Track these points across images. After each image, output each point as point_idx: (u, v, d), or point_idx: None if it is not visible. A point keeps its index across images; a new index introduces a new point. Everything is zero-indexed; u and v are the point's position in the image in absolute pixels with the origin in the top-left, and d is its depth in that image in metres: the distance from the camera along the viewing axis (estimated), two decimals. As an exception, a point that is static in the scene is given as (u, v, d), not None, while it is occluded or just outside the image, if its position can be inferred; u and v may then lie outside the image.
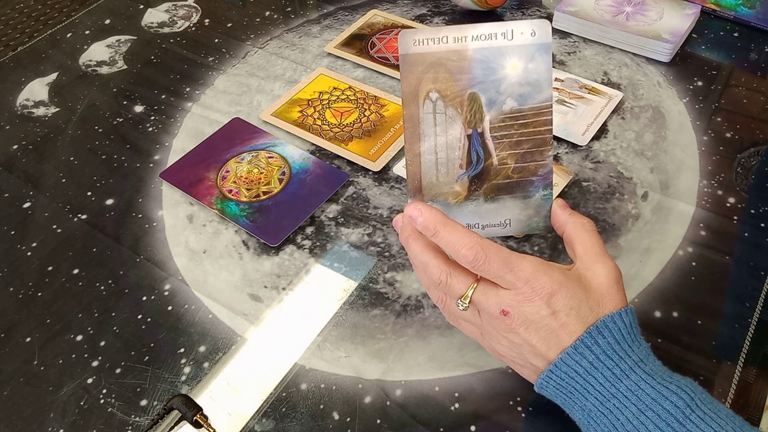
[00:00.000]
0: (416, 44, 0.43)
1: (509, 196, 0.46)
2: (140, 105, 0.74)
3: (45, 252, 0.60)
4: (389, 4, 0.85)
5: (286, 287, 0.56)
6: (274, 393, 0.49)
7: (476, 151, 0.45)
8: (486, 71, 0.43)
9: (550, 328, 0.40)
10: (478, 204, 0.46)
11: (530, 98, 0.44)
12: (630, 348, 0.40)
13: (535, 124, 0.44)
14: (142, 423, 0.48)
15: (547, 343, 0.41)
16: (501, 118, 0.44)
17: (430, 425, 0.47)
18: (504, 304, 0.41)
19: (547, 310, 0.40)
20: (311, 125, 0.69)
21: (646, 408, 0.38)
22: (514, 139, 0.44)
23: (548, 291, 0.40)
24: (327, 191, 0.62)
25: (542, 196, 0.45)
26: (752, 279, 0.54)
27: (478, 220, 0.46)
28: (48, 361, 0.52)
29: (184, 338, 0.53)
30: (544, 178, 0.45)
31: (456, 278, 0.42)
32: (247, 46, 0.81)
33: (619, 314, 0.40)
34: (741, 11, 0.78)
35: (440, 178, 0.45)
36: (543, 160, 0.45)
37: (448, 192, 0.46)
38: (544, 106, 0.44)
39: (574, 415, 0.42)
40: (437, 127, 0.45)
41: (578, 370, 0.40)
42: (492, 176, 0.45)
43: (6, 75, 0.80)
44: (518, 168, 0.45)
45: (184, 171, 0.65)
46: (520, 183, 0.45)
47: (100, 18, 0.87)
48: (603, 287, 0.41)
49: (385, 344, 0.52)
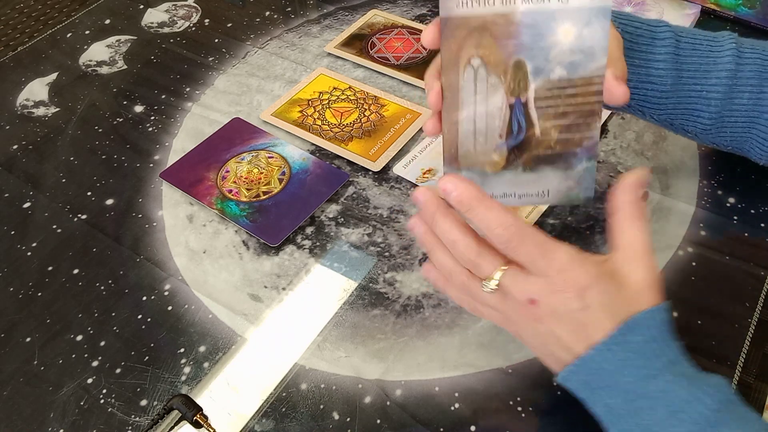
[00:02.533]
0: (459, 6, 0.40)
1: (549, 167, 0.42)
2: (140, 105, 0.74)
3: (45, 252, 0.60)
4: (389, 4, 0.85)
5: (286, 287, 0.56)
6: (274, 393, 0.49)
7: (518, 121, 0.42)
8: (535, 37, 0.40)
9: (579, 322, 0.38)
10: (516, 174, 0.43)
11: (581, 67, 0.40)
12: (662, 348, 0.38)
13: (584, 94, 0.41)
14: (142, 423, 0.48)
15: (575, 336, 0.39)
16: (547, 87, 0.41)
17: (430, 425, 0.47)
18: (533, 292, 0.39)
19: (578, 304, 0.38)
20: (311, 125, 0.69)
21: (677, 411, 0.36)
22: (559, 110, 0.41)
23: (582, 284, 0.38)
24: (327, 191, 0.62)
25: (585, 168, 0.42)
26: (752, 279, 0.54)
27: (515, 189, 0.43)
28: (48, 361, 0.52)
29: (184, 338, 0.53)
30: (588, 149, 0.42)
31: (485, 259, 0.40)
32: (247, 46, 0.81)
33: (652, 312, 0.38)
34: (741, 11, 0.78)
35: (478, 147, 0.42)
36: (589, 132, 0.41)
37: (485, 161, 0.43)
38: (596, 76, 0.40)
39: (595, 410, 0.40)
40: (477, 96, 0.41)
41: (607, 367, 0.38)
42: (533, 147, 0.42)
43: (6, 75, 0.80)
44: (562, 139, 0.42)
45: (184, 171, 0.65)
46: (562, 155, 0.42)
47: (100, 18, 0.87)
48: (638, 286, 0.39)
49: (385, 344, 0.52)
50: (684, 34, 0.51)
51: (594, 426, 0.46)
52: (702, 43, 0.50)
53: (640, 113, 0.53)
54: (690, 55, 0.50)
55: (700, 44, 0.50)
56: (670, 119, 0.53)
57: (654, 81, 0.50)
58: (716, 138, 0.53)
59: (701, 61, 0.50)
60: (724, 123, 0.51)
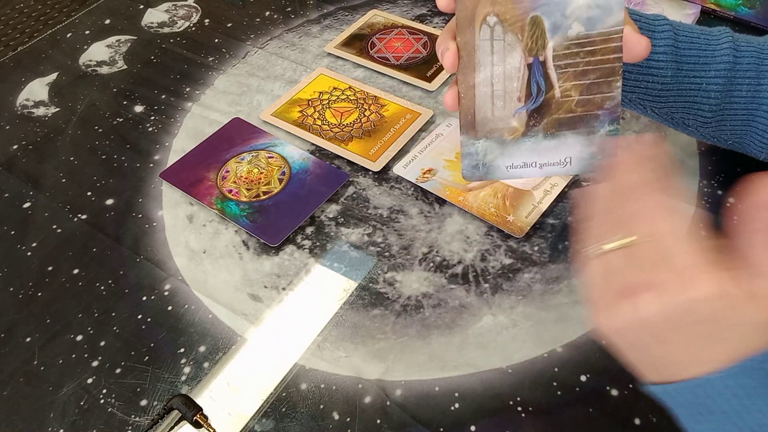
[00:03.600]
0: None
1: (571, 132, 0.41)
2: (140, 105, 0.74)
3: (45, 252, 0.60)
4: (389, 4, 0.85)
5: (286, 287, 0.56)
6: (274, 393, 0.49)
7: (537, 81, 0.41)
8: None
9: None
10: (537, 141, 0.42)
11: (599, 22, 0.39)
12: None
13: (603, 51, 0.40)
14: (142, 423, 0.48)
15: None
16: (566, 44, 0.40)
17: (430, 425, 0.47)
18: None
19: None
20: (311, 125, 0.69)
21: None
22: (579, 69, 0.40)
23: None
24: (327, 191, 0.62)
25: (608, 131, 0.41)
26: (752, 279, 0.54)
27: (536, 158, 0.42)
28: (48, 361, 0.52)
29: (184, 338, 0.53)
30: (611, 111, 0.41)
31: None
32: (247, 46, 0.81)
33: None
34: (741, 11, 0.78)
35: (496, 112, 0.42)
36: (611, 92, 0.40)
37: (503, 128, 0.42)
38: (615, 31, 0.39)
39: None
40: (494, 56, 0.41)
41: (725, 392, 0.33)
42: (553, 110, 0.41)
43: (6, 75, 0.80)
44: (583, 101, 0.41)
45: (184, 171, 0.65)
46: (584, 117, 0.41)
47: (100, 18, 0.87)
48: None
49: (385, 344, 0.52)
50: (681, 28, 0.51)
51: (594, 426, 0.46)
52: (699, 37, 0.51)
53: (641, 108, 0.53)
54: (688, 48, 0.50)
55: (698, 38, 0.51)
56: (671, 113, 0.53)
57: (654, 73, 0.50)
58: (716, 132, 0.53)
59: (700, 54, 0.50)
60: (724, 116, 0.52)
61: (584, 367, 0.49)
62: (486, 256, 0.56)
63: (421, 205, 0.61)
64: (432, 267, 0.56)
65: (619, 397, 0.47)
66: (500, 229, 0.58)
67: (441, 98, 0.71)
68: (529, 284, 0.54)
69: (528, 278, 0.55)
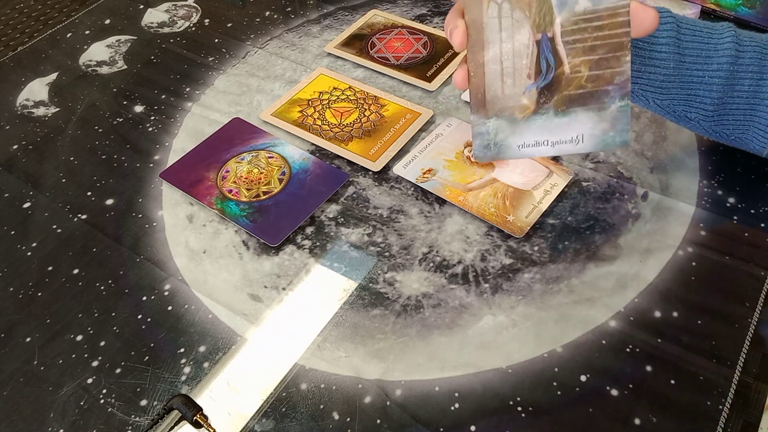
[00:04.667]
0: None
1: (582, 108, 0.41)
2: (140, 105, 0.74)
3: (45, 252, 0.60)
4: (389, 4, 0.85)
5: (286, 287, 0.56)
6: (274, 393, 0.49)
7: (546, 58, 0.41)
8: None
9: None
10: (548, 118, 0.42)
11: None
12: None
13: (611, 26, 0.40)
14: (142, 423, 0.48)
15: None
16: (574, 20, 0.40)
17: (430, 425, 0.47)
18: None
19: None
20: (311, 125, 0.69)
21: None
22: (588, 44, 0.40)
23: None
24: (327, 191, 0.62)
25: (619, 107, 0.41)
26: (752, 279, 0.54)
27: (548, 136, 0.42)
28: (48, 361, 0.52)
29: (184, 338, 0.53)
30: (621, 87, 0.41)
31: None
32: (247, 46, 0.81)
33: None
34: (741, 11, 0.78)
35: (506, 90, 0.41)
36: (620, 67, 0.41)
37: (514, 106, 0.42)
38: (621, 5, 0.39)
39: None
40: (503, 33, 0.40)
41: None
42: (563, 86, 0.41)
43: (6, 75, 0.80)
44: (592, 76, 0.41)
45: (184, 171, 0.65)
46: (594, 93, 0.41)
47: (100, 18, 0.87)
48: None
49: (385, 344, 0.52)
50: (685, 21, 0.51)
51: (594, 426, 0.46)
52: (702, 30, 0.51)
53: (644, 100, 0.53)
54: (691, 40, 0.51)
55: (701, 31, 0.51)
56: (673, 105, 0.53)
57: (656, 64, 0.50)
58: (718, 126, 0.54)
59: (702, 47, 0.51)
60: (726, 110, 0.52)
61: (584, 367, 0.49)
62: (486, 256, 0.56)
63: (421, 205, 0.61)
64: (432, 267, 0.56)
65: (619, 397, 0.47)
66: (500, 229, 0.58)
67: (441, 98, 0.71)
68: (529, 284, 0.54)
69: (528, 278, 0.55)
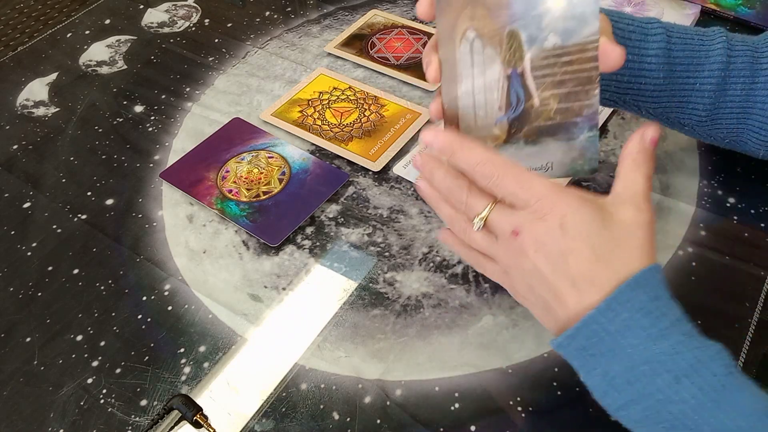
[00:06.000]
0: None
1: (551, 139, 0.43)
2: (140, 105, 0.74)
3: (45, 252, 0.60)
4: (389, 4, 0.85)
5: (286, 287, 0.56)
6: (274, 393, 0.49)
7: (516, 92, 0.42)
8: (527, 5, 0.40)
9: (559, 251, 0.38)
10: (519, 147, 0.43)
11: (575, 33, 0.40)
12: (667, 306, 0.36)
13: (579, 60, 0.41)
14: (142, 423, 0.48)
15: (555, 270, 0.38)
16: (543, 56, 0.41)
17: (430, 425, 0.47)
18: (516, 223, 0.39)
19: (558, 231, 0.38)
20: (311, 125, 0.69)
21: (682, 375, 0.34)
22: (557, 78, 0.41)
23: (561, 211, 0.38)
24: (327, 191, 0.62)
25: (587, 138, 0.42)
26: (752, 279, 0.54)
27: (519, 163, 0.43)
28: (48, 361, 0.52)
29: (184, 338, 0.53)
30: (589, 118, 0.42)
31: (475, 197, 0.41)
32: (247, 46, 0.81)
33: (656, 267, 0.37)
34: (741, 11, 0.78)
35: (478, 121, 0.43)
36: (588, 100, 0.42)
37: (486, 136, 0.43)
38: (590, 41, 0.40)
39: (589, 380, 0.38)
40: (475, 68, 0.42)
41: (609, 328, 0.36)
42: (533, 118, 0.42)
43: (6, 75, 0.80)
44: (561, 109, 0.42)
45: (184, 171, 0.65)
46: (563, 124, 0.42)
47: (100, 18, 0.87)
48: (625, 226, 0.38)
49: (385, 344, 0.52)
50: (675, 30, 0.51)
51: (594, 426, 0.46)
52: (693, 38, 0.51)
53: (636, 108, 0.54)
54: (682, 49, 0.51)
55: (691, 39, 0.51)
56: (666, 113, 0.53)
57: (647, 75, 0.51)
58: (712, 130, 0.54)
59: (693, 55, 0.51)
60: (719, 114, 0.52)
61: (584, 367, 0.49)
62: (486, 256, 0.56)
63: (421, 205, 0.61)
64: (432, 267, 0.56)
65: (619, 397, 0.47)
66: (500, 229, 0.58)
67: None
68: (529, 284, 0.54)
69: (528, 278, 0.55)
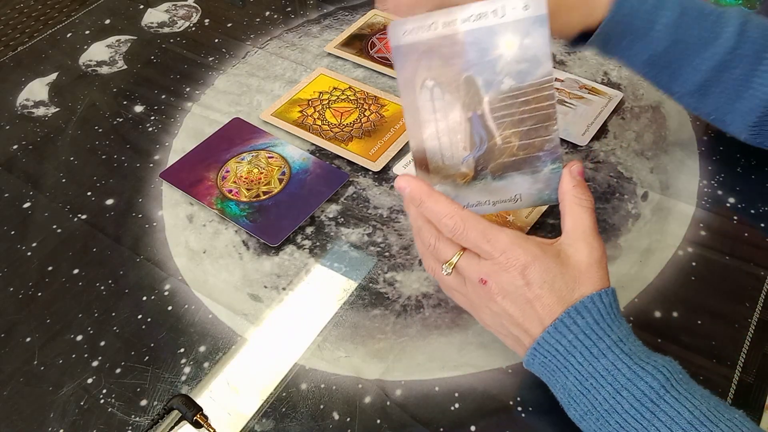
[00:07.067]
0: (406, 34, 0.42)
1: (517, 173, 0.45)
2: (140, 105, 0.74)
3: (45, 252, 0.60)
4: (389, 4, 0.85)
5: (286, 287, 0.56)
6: (274, 393, 0.49)
7: (478, 133, 0.44)
8: (480, 53, 0.42)
9: (525, 299, 0.41)
10: (487, 182, 0.45)
11: (529, 75, 0.42)
12: (609, 327, 0.40)
13: (536, 100, 0.43)
14: (142, 423, 0.48)
15: (523, 314, 0.42)
16: (500, 98, 0.43)
17: (430, 425, 0.47)
18: (483, 273, 0.42)
19: (521, 281, 0.41)
20: (311, 125, 0.69)
21: (621, 388, 0.38)
22: (516, 118, 0.43)
23: (522, 263, 0.41)
24: (327, 191, 0.62)
25: (551, 170, 0.44)
26: (752, 279, 0.54)
27: (489, 197, 0.46)
28: (48, 361, 0.52)
29: (184, 338, 0.53)
30: (551, 152, 0.44)
31: (444, 244, 0.44)
32: (247, 46, 0.81)
33: (599, 295, 0.41)
34: (741, 11, 0.77)
35: (446, 161, 0.45)
36: (548, 135, 0.44)
37: (455, 174, 0.45)
38: (545, 81, 0.42)
39: (556, 393, 0.43)
40: (437, 114, 0.44)
41: (558, 348, 0.41)
42: (497, 155, 0.44)
43: (6, 75, 0.80)
44: (523, 145, 0.44)
45: (184, 171, 0.65)
46: (527, 159, 0.44)
47: (100, 18, 0.87)
48: (582, 265, 0.42)
49: (385, 344, 0.52)
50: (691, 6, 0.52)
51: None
52: (707, 18, 0.52)
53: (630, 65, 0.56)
54: (691, 26, 0.51)
55: (705, 20, 0.52)
56: (658, 76, 0.55)
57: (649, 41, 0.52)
58: (699, 104, 0.55)
59: (700, 36, 0.51)
60: (710, 91, 0.53)
61: (584, 367, 0.49)
62: (486, 256, 0.56)
63: (421, 205, 0.61)
64: (432, 267, 0.56)
65: (619, 397, 0.47)
66: (500, 229, 0.58)
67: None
68: (529, 284, 0.54)
69: (528, 278, 0.55)
